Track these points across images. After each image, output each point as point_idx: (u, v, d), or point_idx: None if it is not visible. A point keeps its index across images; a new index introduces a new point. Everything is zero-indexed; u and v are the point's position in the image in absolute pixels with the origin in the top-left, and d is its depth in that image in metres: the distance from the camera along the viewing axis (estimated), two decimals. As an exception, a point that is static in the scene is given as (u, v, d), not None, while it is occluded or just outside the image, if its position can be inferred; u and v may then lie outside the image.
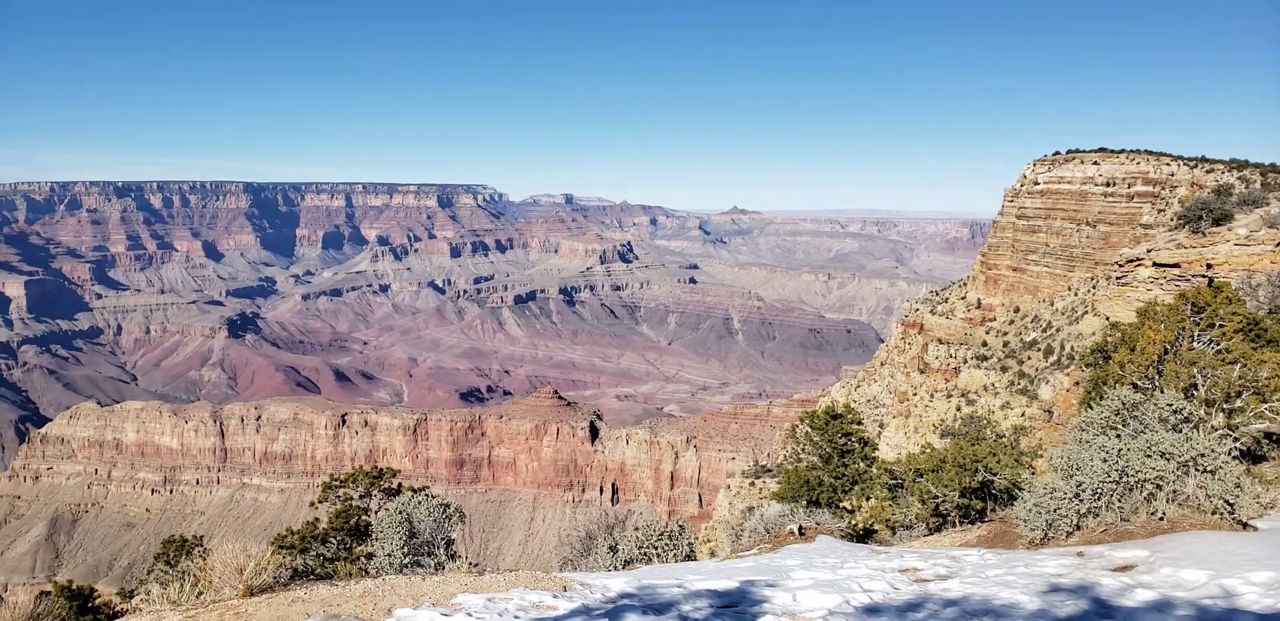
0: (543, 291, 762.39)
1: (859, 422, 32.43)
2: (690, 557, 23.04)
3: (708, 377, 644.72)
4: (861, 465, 30.25)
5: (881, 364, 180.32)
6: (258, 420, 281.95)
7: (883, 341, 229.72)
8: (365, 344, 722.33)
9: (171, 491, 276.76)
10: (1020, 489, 22.61)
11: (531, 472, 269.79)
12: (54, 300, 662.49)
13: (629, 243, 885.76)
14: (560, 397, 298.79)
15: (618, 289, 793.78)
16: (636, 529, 27.30)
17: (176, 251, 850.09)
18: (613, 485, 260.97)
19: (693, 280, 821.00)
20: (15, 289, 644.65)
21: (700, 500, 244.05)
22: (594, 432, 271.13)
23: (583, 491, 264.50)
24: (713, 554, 24.79)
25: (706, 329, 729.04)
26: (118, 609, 23.67)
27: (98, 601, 22.79)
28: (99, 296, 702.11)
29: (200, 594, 16.58)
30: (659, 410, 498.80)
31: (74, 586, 22.35)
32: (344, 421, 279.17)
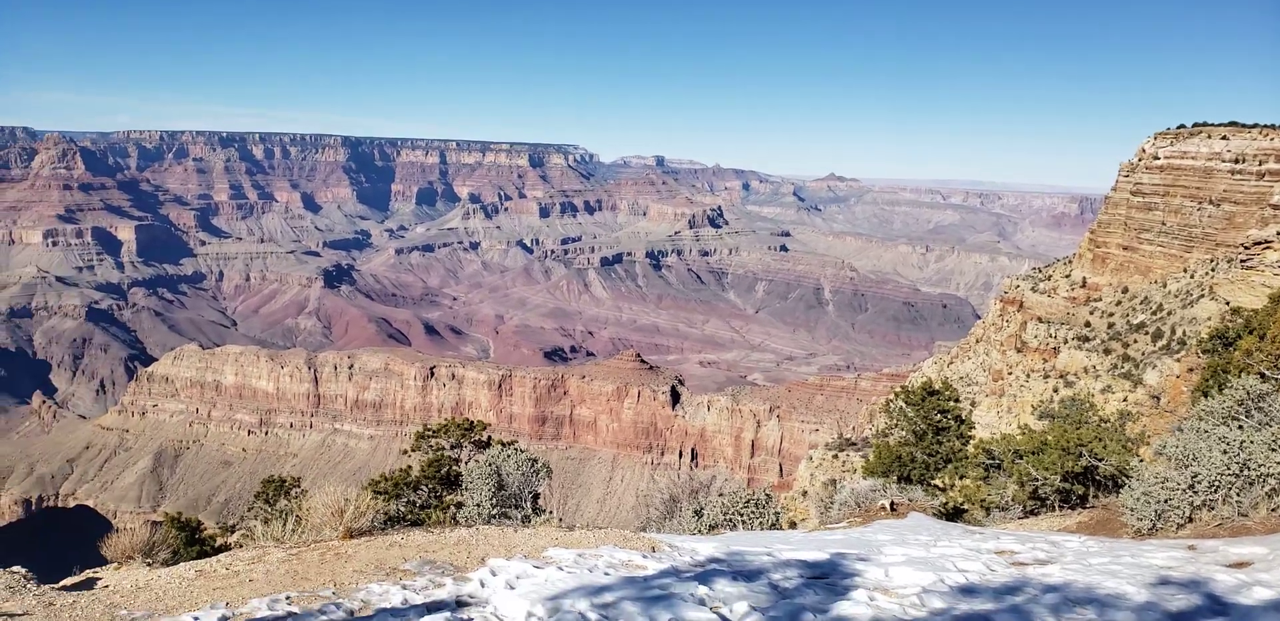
0: (629, 254, 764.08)
1: (955, 400, 31.76)
2: (775, 527, 23.08)
3: (794, 348, 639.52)
4: (956, 443, 29.68)
5: (977, 341, 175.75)
6: (350, 369, 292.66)
7: (979, 318, 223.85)
8: (455, 299, 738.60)
9: (266, 433, 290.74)
10: (1127, 476, 21.85)
11: (611, 433, 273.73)
12: (161, 245, 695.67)
13: (719, 207, 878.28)
14: (643, 361, 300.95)
15: (706, 254, 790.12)
16: (721, 495, 27.48)
17: (276, 202, 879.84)
18: (692, 450, 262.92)
19: (784, 248, 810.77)
20: (126, 233, 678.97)
21: (781, 470, 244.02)
22: (675, 397, 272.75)
23: (661, 454, 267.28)
24: (793, 525, 24.81)
25: (796, 298, 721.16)
26: (221, 542, 25.04)
27: (204, 533, 24.18)
28: (203, 243, 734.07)
29: (302, 533, 17.45)
30: (742, 378, 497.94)
31: (183, 518, 23.76)
32: (432, 373, 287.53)
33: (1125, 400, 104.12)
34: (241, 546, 19.54)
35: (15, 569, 14.46)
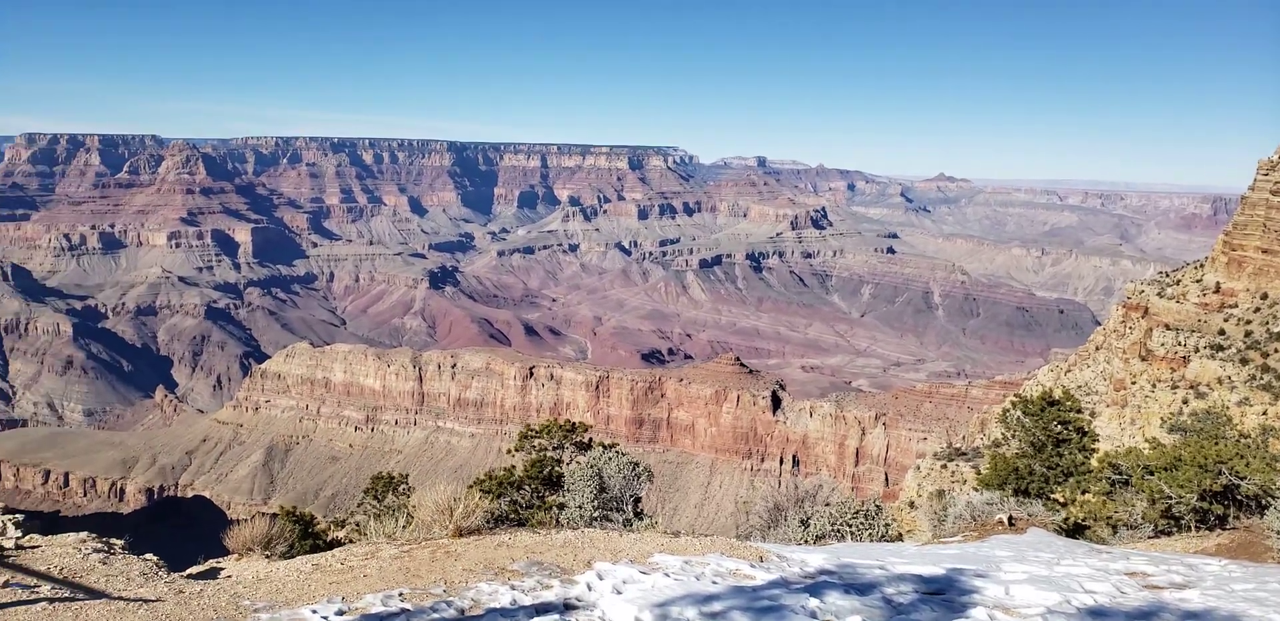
0: (729, 256, 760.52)
1: (1077, 411, 30.40)
2: (885, 539, 22.55)
3: (901, 353, 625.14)
4: (1078, 456, 28.40)
5: (1097, 348, 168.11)
6: (453, 367, 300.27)
7: (1100, 324, 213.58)
8: (554, 301, 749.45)
9: (372, 429, 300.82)
10: (1273, 497, 20.51)
11: (710, 437, 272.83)
12: (276, 247, 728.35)
13: (823, 208, 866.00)
14: (742, 364, 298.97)
15: (808, 256, 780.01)
16: (828, 504, 27.01)
17: (384, 205, 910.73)
18: (793, 457, 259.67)
19: (891, 250, 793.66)
20: (243, 235, 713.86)
21: (886, 479, 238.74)
22: (776, 402, 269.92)
23: (761, 460, 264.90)
24: (899, 537, 24.19)
25: (903, 302, 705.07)
26: (332, 536, 25.94)
27: (317, 527, 25.10)
28: (315, 245, 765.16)
29: (412, 530, 17.94)
30: (846, 384, 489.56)
31: (297, 512, 24.71)
32: (531, 373, 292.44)
33: (1265, 414, 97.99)
34: (354, 542, 20.23)
35: (148, 556, 15.29)
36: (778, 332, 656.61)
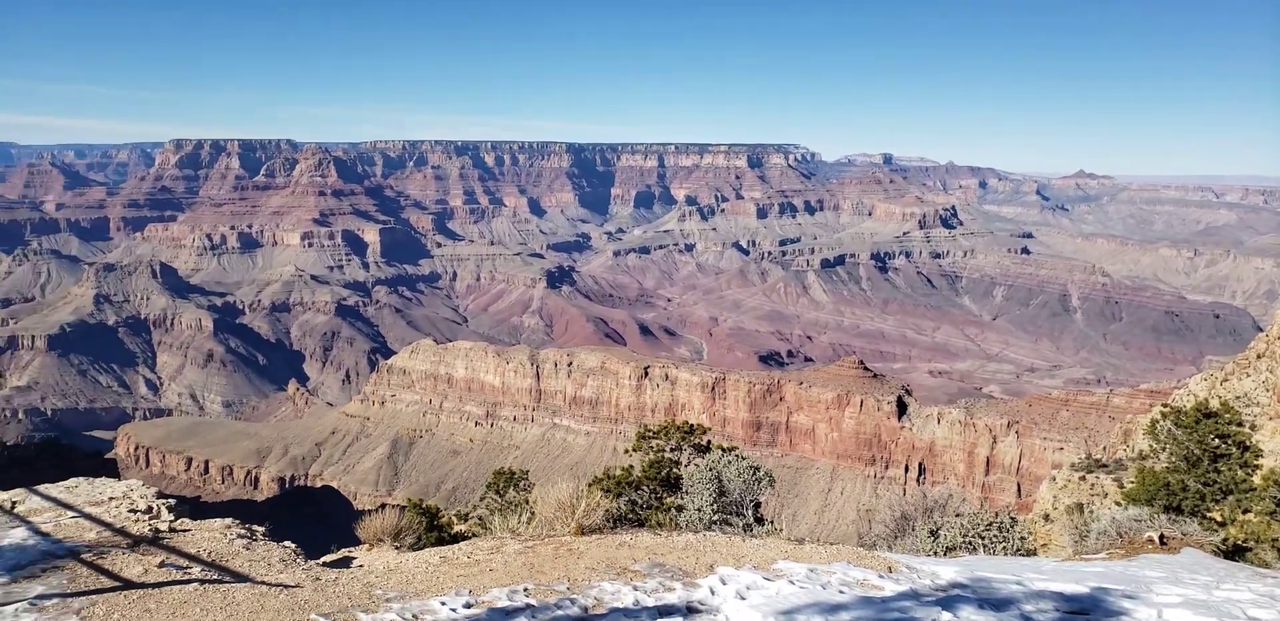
0: (852, 256, 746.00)
1: (1238, 423, 28.44)
2: (1020, 553, 21.65)
3: (1036, 358, 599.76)
4: (1239, 472, 26.56)
5: (1259, 356, 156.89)
6: (569, 366, 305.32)
7: (1262, 330, 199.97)
8: (669, 301, 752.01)
9: (492, 425, 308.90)
10: None
11: (831, 442, 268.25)
12: (402, 247, 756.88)
13: (953, 207, 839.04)
14: (865, 368, 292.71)
15: (937, 257, 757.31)
16: (959, 515, 26.14)
17: (505, 206, 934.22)
18: (919, 465, 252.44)
19: (1025, 250, 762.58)
20: (372, 236, 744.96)
21: (1019, 490, 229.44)
22: (901, 408, 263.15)
23: (885, 467, 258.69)
24: (1034, 551, 23.15)
25: (1038, 305, 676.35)
26: (456, 529, 26.75)
27: (441, 520, 25.94)
28: (438, 245, 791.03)
29: (535, 526, 18.30)
30: (977, 390, 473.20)
31: (424, 504, 25.62)
32: (646, 373, 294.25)
33: None
34: (477, 535, 20.80)
35: (287, 543, 16.13)
36: (904, 336, 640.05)
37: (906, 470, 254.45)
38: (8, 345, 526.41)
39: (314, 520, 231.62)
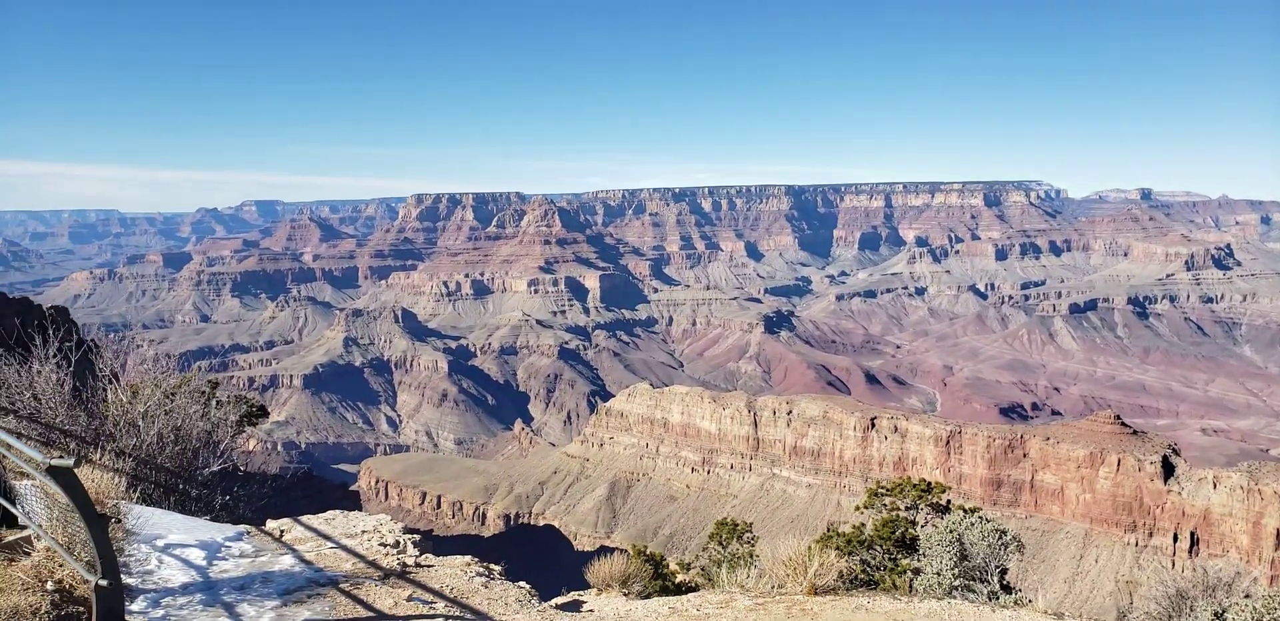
0: (1106, 300, 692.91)
1: None
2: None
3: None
4: None
5: None
6: (789, 414, 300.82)
7: None
8: (897, 347, 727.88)
9: (708, 472, 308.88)
10: None
11: (1083, 505, 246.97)
12: (620, 292, 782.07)
13: (1228, 245, 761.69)
14: (1123, 424, 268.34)
15: (1209, 301, 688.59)
16: (1248, 595, 23.26)
17: (721, 251, 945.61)
18: (1191, 534, 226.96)
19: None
20: (592, 282, 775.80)
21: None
22: (1168, 469, 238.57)
23: (1149, 535, 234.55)
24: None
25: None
26: (680, 579, 26.81)
27: (666, 569, 26.10)
28: (655, 290, 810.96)
29: (765, 583, 18.02)
30: (1263, 452, 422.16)
31: (647, 551, 25.91)
32: (873, 424, 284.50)
33: None
34: (699, 586, 20.78)
35: (522, 584, 16.80)
36: (1169, 389, 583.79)
37: (1175, 539, 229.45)
38: (270, 383, 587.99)
39: (537, 558, 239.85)
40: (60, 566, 14.43)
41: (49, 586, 13.90)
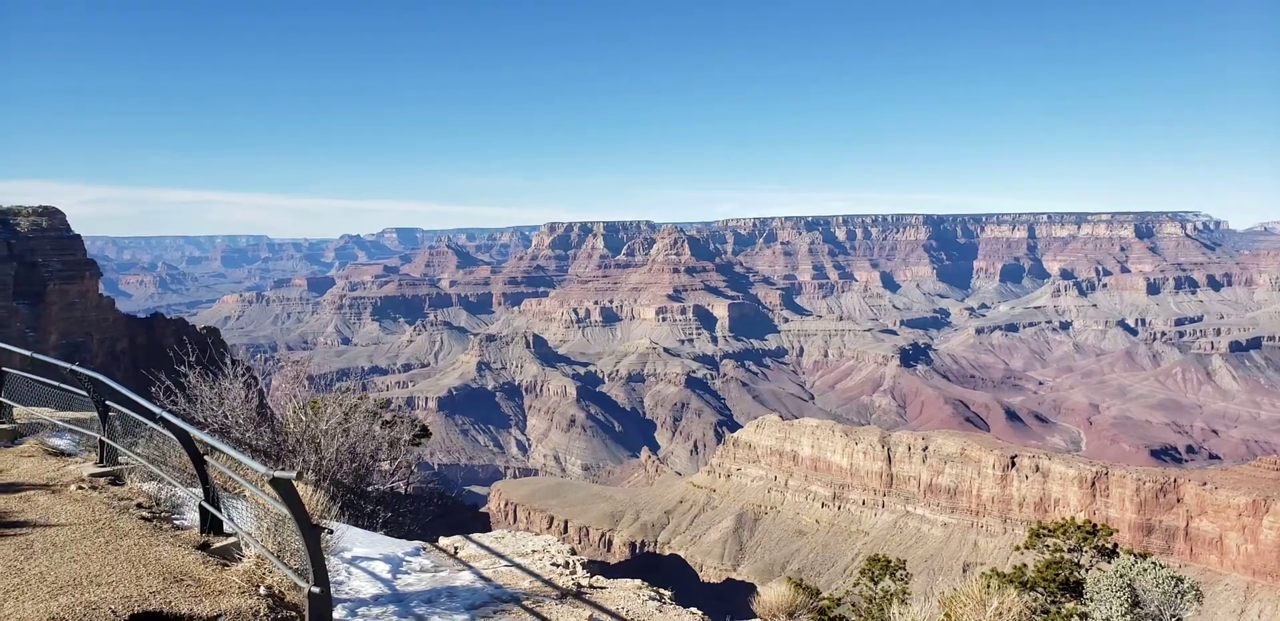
0: (1271, 338, 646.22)
1: None
2: None
3: None
4: None
5: None
6: (924, 450, 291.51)
7: None
8: (1040, 384, 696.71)
9: (839, 507, 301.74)
10: None
11: (1244, 555, 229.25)
12: (750, 322, 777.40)
13: None
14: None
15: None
16: None
17: (855, 281, 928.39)
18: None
19: None
20: (721, 311, 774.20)
21: None
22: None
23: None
24: None
25: None
26: (834, 614, 26.42)
27: (822, 603, 25.77)
28: (786, 320, 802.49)
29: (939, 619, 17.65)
30: None
31: (803, 583, 25.66)
32: (1014, 463, 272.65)
33: None
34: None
35: (694, 610, 17.01)
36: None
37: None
38: (406, 404, 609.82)
39: (664, 588, 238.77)
40: (269, 573, 15.48)
41: (261, 591, 14.94)
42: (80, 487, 19.60)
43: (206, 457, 16.79)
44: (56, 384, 22.99)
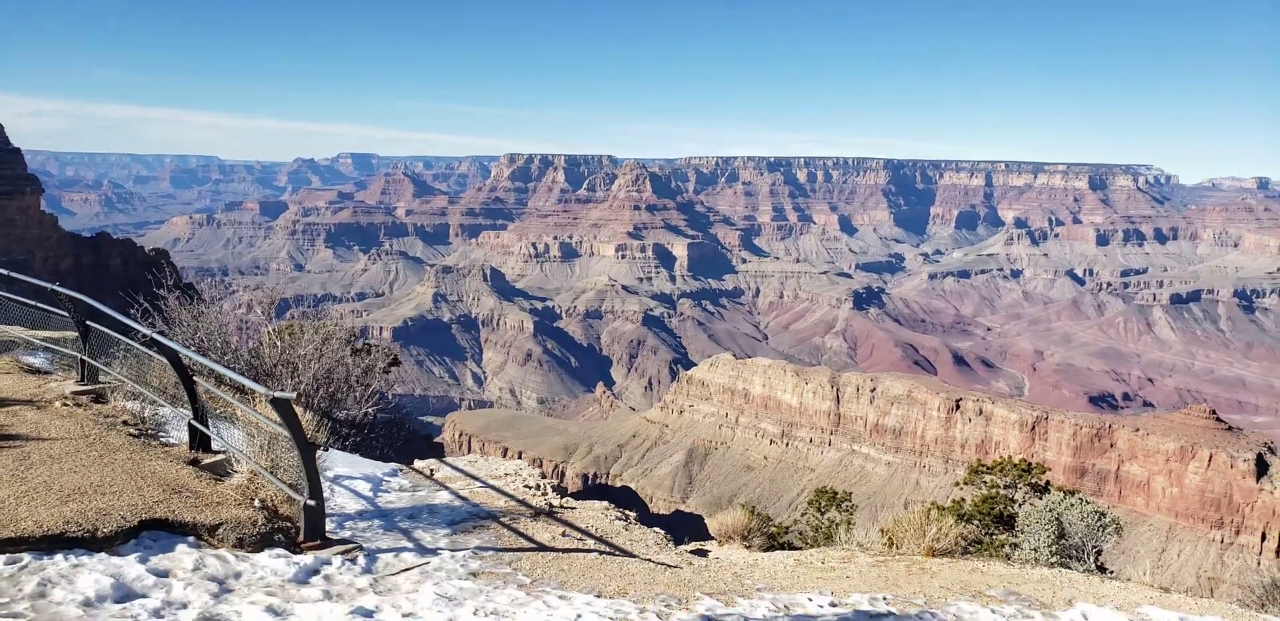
0: (1210, 292, 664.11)
1: None
2: None
3: None
4: None
5: None
6: (873, 392, 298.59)
7: None
8: (988, 330, 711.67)
9: (787, 444, 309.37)
10: None
11: (1169, 499, 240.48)
12: (708, 262, 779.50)
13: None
14: (1218, 419, 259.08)
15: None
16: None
17: (814, 224, 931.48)
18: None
19: None
20: (680, 250, 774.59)
21: None
22: (1262, 467, 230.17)
23: (1235, 533, 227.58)
24: None
25: None
26: (783, 539, 28.09)
27: (772, 529, 27.40)
28: (744, 261, 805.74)
29: (887, 544, 19.15)
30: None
31: (756, 511, 27.21)
32: (958, 406, 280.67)
33: None
34: (821, 546, 21.97)
35: (657, 529, 18.32)
36: (1271, 386, 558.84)
37: (1264, 538, 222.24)
38: (360, 335, 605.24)
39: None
40: (261, 488, 16.39)
41: (255, 503, 15.87)
42: (65, 404, 20.20)
43: (195, 378, 17.45)
44: (32, 302, 23.19)
